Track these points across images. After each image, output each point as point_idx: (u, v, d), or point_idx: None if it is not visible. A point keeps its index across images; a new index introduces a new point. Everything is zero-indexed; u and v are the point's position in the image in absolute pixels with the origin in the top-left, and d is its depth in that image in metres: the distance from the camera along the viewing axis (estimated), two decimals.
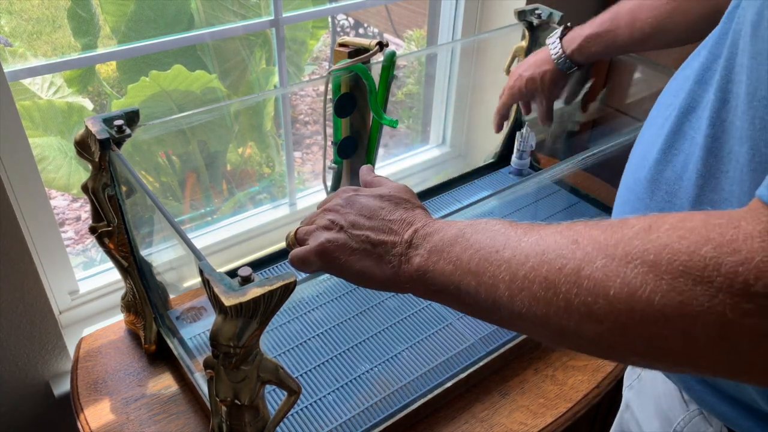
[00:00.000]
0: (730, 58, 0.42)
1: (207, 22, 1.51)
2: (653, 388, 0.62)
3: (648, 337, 0.33)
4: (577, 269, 0.36)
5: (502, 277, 0.40)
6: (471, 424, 0.81)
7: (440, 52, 1.39)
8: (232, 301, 0.50)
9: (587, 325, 0.36)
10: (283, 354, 0.86)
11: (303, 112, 2.65)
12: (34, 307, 0.89)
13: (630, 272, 0.33)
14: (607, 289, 0.34)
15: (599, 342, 0.36)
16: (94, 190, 0.75)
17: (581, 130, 1.44)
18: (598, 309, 0.35)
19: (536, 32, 1.11)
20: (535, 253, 0.39)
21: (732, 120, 0.42)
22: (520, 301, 0.39)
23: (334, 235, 0.52)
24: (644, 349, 0.34)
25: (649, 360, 0.35)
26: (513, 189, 0.73)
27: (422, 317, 0.93)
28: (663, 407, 0.59)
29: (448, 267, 0.45)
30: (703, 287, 0.31)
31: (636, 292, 0.33)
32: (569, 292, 0.36)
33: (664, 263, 0.32)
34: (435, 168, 1.47)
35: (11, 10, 1.76)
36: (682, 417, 0.56)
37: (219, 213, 1.56)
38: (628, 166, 0.57)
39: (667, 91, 0.55)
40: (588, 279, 0.35)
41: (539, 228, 0.41)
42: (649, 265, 0.33)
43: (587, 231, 0.38)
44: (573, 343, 0.38)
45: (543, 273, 0.38)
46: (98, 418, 0.79)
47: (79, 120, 1.59)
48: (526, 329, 0.41)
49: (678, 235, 0.33)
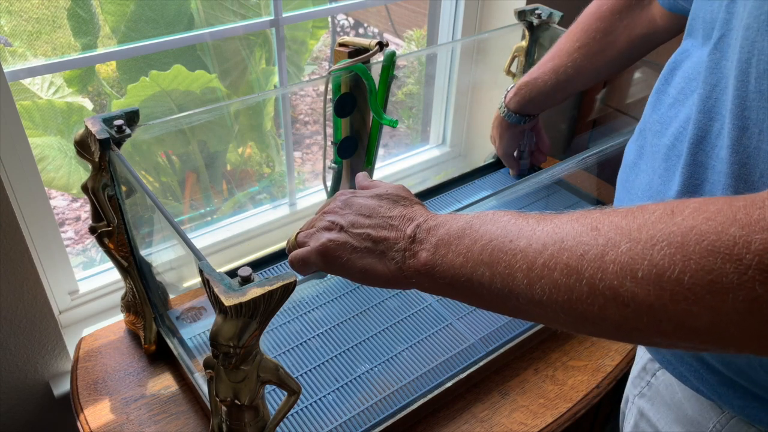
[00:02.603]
0: (741, 87, 0.42)
1: (207, 22, 1.51)
2: (670, 394, 0.60)
3: (676, 316, 0.34)
4: (600, 254, 0.36)
5: (519, 266, 0.40)
6: (471, 424, 0.81)
7: (440, 52, 1.39)
8: (232, 301, 0.50)
9: (612, 309, 0.36)
10: (283, 354, 0.86)
11: (303, 112, 2.65)
12: (34, 307, 0.89)
13: (657, 254, 0.34)
14: (634, 271, 0.35)
15: (623, 324, 0.36)
16: (94, 190, 0.75)
17: (581, 130, 1.44)
18: (624, 292, 0.35)
19: (536, 32, 1.11)
20: (554, 241, 0.39)
21: (757, 146, 0.42)
22: (540, 288, 0.39)
23: (334, 235, 0.52)
24: (671, 328, 0.34)
25: (674, 339, 0.35)
26: (513, 189, 0.73)
27: (422, 317, 0.93)
28: (688, 413, 0.57)
29: (458, 259, 0.45)
30: (733, 264, 0.31)
31: (665, 273, 0.33)
32: (593, 277, 0.36)
33: (692, 244, 0.33)
34: (435, 168, 1.47)
35: (11, 10, 1.76)
36: (717, 420, 0.54)
37: (219, 213, 1.56)
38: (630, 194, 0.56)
39: (651, 117, 0.55)
40: (613, 263, 0.36)
41: (552, 217, 0.42)
42: (676, 247, 0.33)
43: (606, 218, 0.38)
44: (595, 327, 0.38)
45: (564, 260, 0.38)
46: (98, 418, 0.79)
47: (78, 120, 1.59)
48: (544, 316, 0.41)
49: (703, 217, 0.33)
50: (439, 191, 1.18)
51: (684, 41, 0.55)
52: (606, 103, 1.40)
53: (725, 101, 0.45)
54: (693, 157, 0.48)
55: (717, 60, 0.46)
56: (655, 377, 0.63)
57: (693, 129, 0.48)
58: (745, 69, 0.42)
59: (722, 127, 0.45)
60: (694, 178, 0.48)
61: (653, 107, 0.56)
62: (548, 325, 0.43)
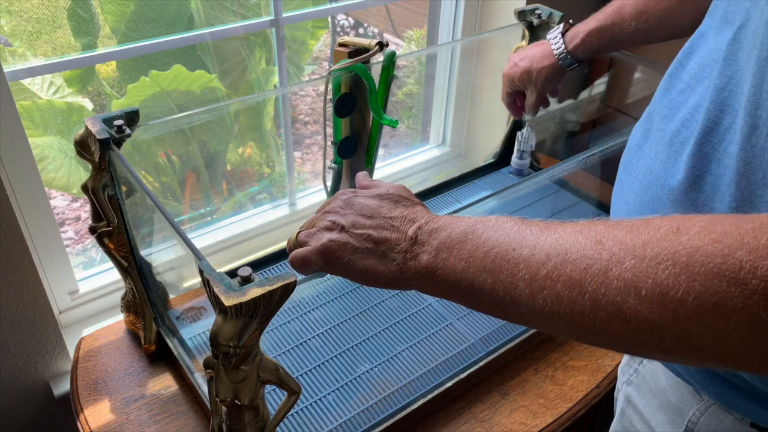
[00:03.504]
0: (757, 85, 0.42)
1: (207, 22, 1.51)
2: (655, 382, 0.61)
3: (678, 335, 0.34)
4: (604, 269, 0.36)
5: (521, 275, 0.40)
6: (471, 424, 0.81)
7: (440, 52, 1.39)
8: (232, 301, 0.50)
9: (614, 324, 0.36)
10: (283, 354, 0.86)
11: (303, 112, 2.65)
12: (34, 307, 0.89)
13: (661, 273, 0.34)
14: (638, 289, 0.35)
15: (625, 338, 0.36)
16: (94, 190, 0.75)
17: (581, 130, 1.44)
18: (627, 308, 0.35)
19: (536, 32, 1.11)
20: (557, 253, 0.39)
21: (764, 146, 0.42)
22: (542, 299, 0.39)
23: (335, 235, 0.52)
24: (673, 346, 0.35)
25: (675, 355, 0.35)
26: (513, 189, 0.73)
27: (422, 317, 0.93)
28: (671, 400, 0.59)
29: (460, 264, 0.45)
30: (738, 288, 0.31)
31: (669, 292, 0.33)
32: (596, 292, 0.36)
33: (698, 265, 0.33)
34: (435, 168, 1.47)
35: (11, 10, 1.76)
36: (697, 407, 0.56)
37: (219, 213, 1.56)
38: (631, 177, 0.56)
39: (662, 101, 0.55)
40: (617, 279, 0.35)
41: (555, 226, 0.42)
42: (681, 267, 0.33)
43: (610, 231, 0.38)
44: (597, 340, 0.38)
45: (567, 273, 0.38)
46: (98, 418, 0.79)
47: (78, 120, 1.59)
48: (545, 326, 0.41)
49: (710, 238, 0.33)
50: (439, 191, 1.18)
51: (704, 20, 0.54)
52: (606, 103, 1.40)
53: (739, 95, 0.44)
54: (699, 147, 0.47)
55: (735, 51, 0.45)
56: (642, 365, 0.64)
57: (703, 118, 0.47)
58: (762, 67, 0.41)
59: (733, 122, 0.45)
60: (697, 168, 0.47)
61: (664, 92, 0.55)
62: (550, 334, 0.43)
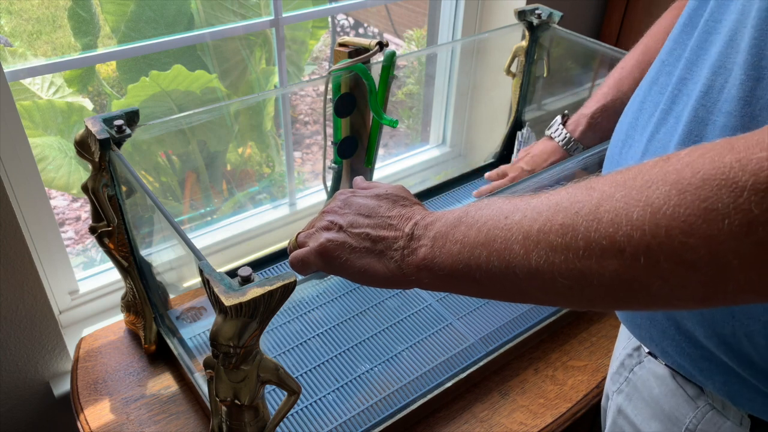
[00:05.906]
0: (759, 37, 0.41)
1: (207, 22, 1.51)
2: (647, 390, 0.60)
3: (673, 252, 0.33)
4: (595, 207, 0.36)
5: (515, 238, 0.40)
6: (471, 424, 0.81)
7: (440, 52, 1.39)
8: (232, 301, 0.50)
9: (609, 259, 0.35)
10: (283, 354, 0.86)
11: (303, 112, 2.65)
12: (34, 307, 0.89)
13: (652, 194, 0.34)
14: (629, 214, 0.34)
15: (621, 276, 0.35)
16: (94, 190, 0.75)
17: None
18: (620, 237, 0.35)
19: (536, 32, 1.11)
20: (548, 207, 0.39)
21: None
22: (537, 254, 0.39)
23: (333, 234, 0.52)
24: (669, 268, 0.34)
25: (673, 283, 0.34)
26: (513, 189, 0.73)
27: (422, 317, 0.93)
28: (664, 408, 0.58)
29: (455, 247, 0.45)
30: (728, 189, 0.31)
31: (660, 210, 0.33)
32: (588, 230, 0.36)
33: (687, 177, 0.33)
34: (435, 168, 1.47)
35: (11, 10, 1.76)
36: (693, 414, 0.54)
37: (219, 213, 1.56)
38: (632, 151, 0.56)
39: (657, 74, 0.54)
40: (608, 212, 0.35)
41: (549, 191, 0.41)
42: (671, 184, 0.33)
43: (602, 177, 0.38)
44: (593, 288, 0.38)
45: (559, 220, 0.38)
46: (98, 418, 0.79)
47: (79, 120, 1.59)
48: (542, 287, 0.40)
49: (699, 153, 0.33)
50: (439, 191, 1.18)
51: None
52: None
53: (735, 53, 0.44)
54: (695, 112, 0.47)
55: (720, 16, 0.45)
56: (633, 373, 0.63)
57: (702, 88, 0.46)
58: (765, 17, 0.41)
59: (726, 81, 0.44)
60: (694, 134, 0.47)
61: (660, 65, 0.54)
62: (547, 304, 0.42)
